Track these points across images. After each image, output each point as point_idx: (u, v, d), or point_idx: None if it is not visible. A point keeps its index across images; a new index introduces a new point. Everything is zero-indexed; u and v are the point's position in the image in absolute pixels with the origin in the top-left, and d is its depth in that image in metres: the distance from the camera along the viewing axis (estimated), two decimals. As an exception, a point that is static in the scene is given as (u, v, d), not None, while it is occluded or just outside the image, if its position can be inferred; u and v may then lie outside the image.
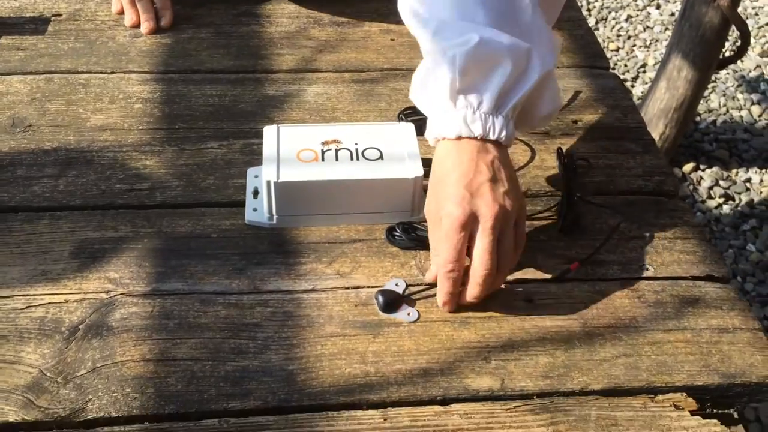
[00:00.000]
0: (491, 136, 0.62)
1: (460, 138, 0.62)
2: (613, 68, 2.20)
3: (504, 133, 0.62)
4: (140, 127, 0.80)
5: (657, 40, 2.40)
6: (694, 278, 0.68)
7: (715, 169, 1.96)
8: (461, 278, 0.62)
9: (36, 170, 0.74)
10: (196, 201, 0.72)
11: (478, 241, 0.60)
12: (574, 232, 0.72)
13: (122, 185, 0.73)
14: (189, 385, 0.58)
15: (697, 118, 2.11)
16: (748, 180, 1.95)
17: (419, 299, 0.65)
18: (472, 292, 0.62)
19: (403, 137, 0.72)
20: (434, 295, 0.64)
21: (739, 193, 1.91)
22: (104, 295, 0.63)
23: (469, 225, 0.60)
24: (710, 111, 2.16)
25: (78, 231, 0.69)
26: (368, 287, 0.66)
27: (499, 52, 0.61)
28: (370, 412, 0.57)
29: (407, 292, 0.65)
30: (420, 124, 0.78)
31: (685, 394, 0.60)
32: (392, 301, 0.64)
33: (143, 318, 0.62)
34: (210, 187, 0.74)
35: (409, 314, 0.63)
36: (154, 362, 0.59)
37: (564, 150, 0.79)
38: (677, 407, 0.59)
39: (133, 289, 0.64)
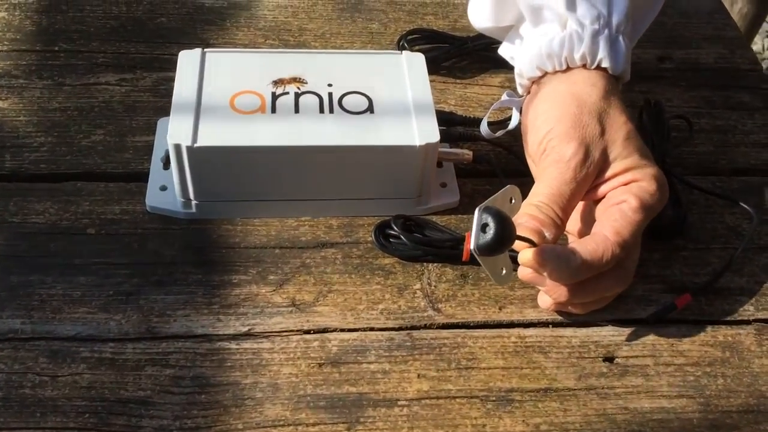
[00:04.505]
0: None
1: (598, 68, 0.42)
2: None
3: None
4: (-3, 48, 0.52)
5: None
6: None
7: None
8: None
9: None
10: (70, 170, 0.46)
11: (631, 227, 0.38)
12: (676, 236, 0.45)
13: (-49, 141, 0.46)
14: None
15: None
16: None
17: None
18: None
19: (406, 76, 0.45)
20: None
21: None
22: None
23: None
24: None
25: None
26: (342, 330, 0.39)
27: None
28: None
29: None
30: (434, 55, 0.50)
31: None
32: (504, 234, 0.34)
33: (-57, 386, 0.35)
34: (96, 148, 0.47)
35: (503, 270, 0.37)
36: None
37: (652, 102, 0.52)
38: None
39: (-68, 329, 0.37)
